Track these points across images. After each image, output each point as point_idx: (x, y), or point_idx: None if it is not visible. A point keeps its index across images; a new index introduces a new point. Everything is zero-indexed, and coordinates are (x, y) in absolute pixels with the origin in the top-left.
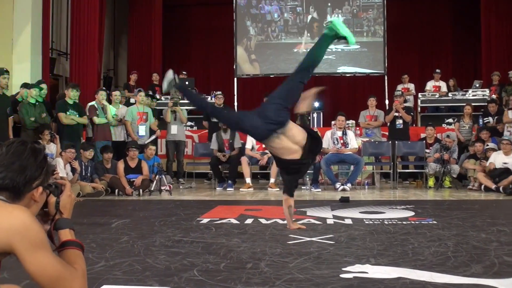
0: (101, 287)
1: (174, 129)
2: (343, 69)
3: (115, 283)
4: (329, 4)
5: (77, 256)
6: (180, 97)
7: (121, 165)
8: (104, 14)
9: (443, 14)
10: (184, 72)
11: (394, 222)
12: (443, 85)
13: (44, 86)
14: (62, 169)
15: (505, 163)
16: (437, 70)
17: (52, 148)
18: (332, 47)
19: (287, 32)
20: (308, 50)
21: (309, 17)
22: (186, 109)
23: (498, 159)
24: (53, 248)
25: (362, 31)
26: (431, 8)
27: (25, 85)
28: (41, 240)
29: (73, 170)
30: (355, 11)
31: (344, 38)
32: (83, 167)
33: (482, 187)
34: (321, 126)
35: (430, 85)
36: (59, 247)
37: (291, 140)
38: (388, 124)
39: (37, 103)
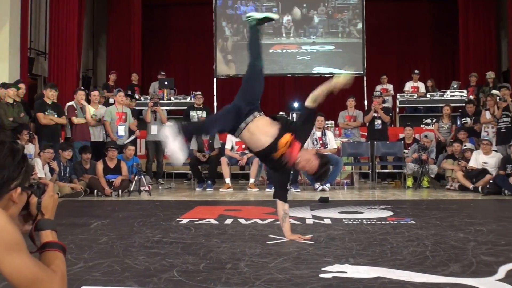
0: None
1: (154, 129)
2: (318, 69)
3: (94, 284)
4: (304, 5)
5: (57, 258)
6: (160, 97)
7: (100, 165)
8: (83, 13)
9: (422, 16)
10: (162, 72)
11: (373, 222)
12: (421, 86)
13: (22, 86)
14: (40, 170)
15: (485, 163)
16: (416, 71)
17: (30, 149)
18: (307, 47)
19: (263, 33)
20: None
21: (285, 18)
22: (166, 109)
23: (479, 159)
24: (33, 250)
25: (337, 32)
26: (409, 10)
27: (3, 85)
28: (16, 241)
29: (52, 170)
30: (330, 12)
31: (265, 19)
32: (62, 167)
33: (457, 186)
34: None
35: (408, 85)
36: (40, 249)
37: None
38: (367, 124)
39: (15, 103)
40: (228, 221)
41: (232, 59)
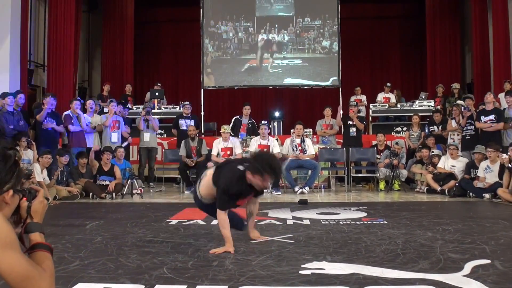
0: (76, 285)
1: (146, 136)
2: (288, 80)
3: (90, 281)
4: (276, 25)
5: (46, 258)
6: (152, 106)
7: (96, 163)
8: (79, 28)
9: (392, 33)
10: (158, 84)
11: (348, 222)
12: (392, 97)
13: (21, 95)
14: (39, 174)
15: (453, 166)
16: (388, 84)
17: (29, 154)
18: (278, 62)
19: (240, 49)
20: None
21: (259, 36)
22: (157, 118)
23: (447, 163)
24: (23, 250)
25: (304, 49)
26: (381, 27)
27: (3, 95)
28: (11, 240)
29: (50, 174)
30: (298, 32)
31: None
32: (59, 172)
33: (425, 189)
34: (281, 134)
35: (380, 96)
36: (29, 249)
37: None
38: (343, 132)
39: (15, 112)
40: (215, 222)
41: (211, 72)
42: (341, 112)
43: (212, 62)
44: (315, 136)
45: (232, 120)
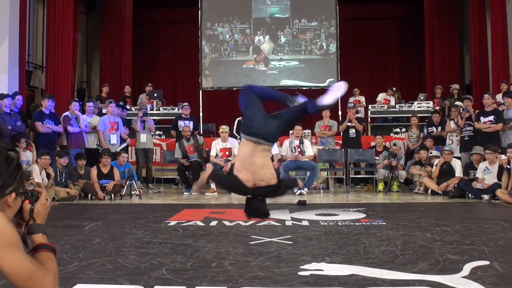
0: (75, 286)
1: (143, 137)
2: (285, 82)
3: (88, 282)
4: (273, 27)
5: (49, 258)
6: (148, 108)
7: (94, 171)
8: (77, 30)
9: (391, 34)
10: (149, 84)
11: (347, 224)
12: (392, 100)
13: (19, 97)
14: (37, 175)
15: None
16: (393, 88)
17: (28, 155)
18: (275, 63)
19: (237, 51)
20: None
21: (256, 38)
22: (154, 119)
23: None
24: (26, 251)
25: (300, 50)
26: (379, 29)
27: (1, 97)
28: (14, 240)
29: (48, 176)
30: (294, 33)
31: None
32: (58, 173)
33: (430, 191)
34: (280, 136)
35: (381, 96)
36: (32, 250)
37: (258, 163)
38: (342, 133)
39: (11, 113)
40: (213, 223)
41: (209, 74)
42: (348, 117)
43: (210, 64)
44: (313, 137)
45: (236, 122)
